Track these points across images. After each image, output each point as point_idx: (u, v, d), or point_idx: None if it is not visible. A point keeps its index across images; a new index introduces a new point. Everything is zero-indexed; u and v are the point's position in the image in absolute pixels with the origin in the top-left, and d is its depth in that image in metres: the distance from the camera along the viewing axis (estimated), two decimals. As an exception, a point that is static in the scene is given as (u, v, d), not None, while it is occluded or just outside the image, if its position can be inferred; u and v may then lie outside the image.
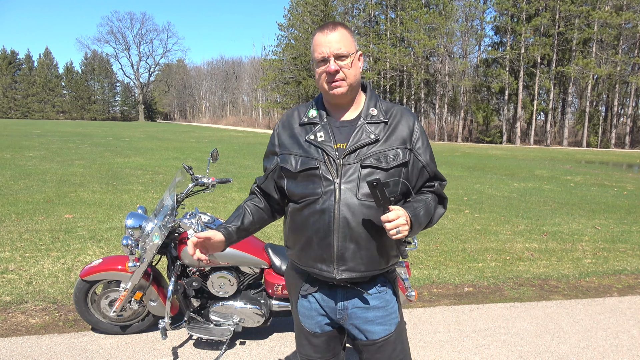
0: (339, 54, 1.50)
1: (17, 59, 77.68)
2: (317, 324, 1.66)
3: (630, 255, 5.63)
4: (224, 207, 7.51)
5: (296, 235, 1.59)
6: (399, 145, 1.56)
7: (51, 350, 2.96)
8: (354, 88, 1.58)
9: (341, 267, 1.53)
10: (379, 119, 1.58)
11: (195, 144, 22.15)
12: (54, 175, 10.14)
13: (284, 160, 1.60)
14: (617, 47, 37.69)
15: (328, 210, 1.50)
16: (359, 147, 1.52)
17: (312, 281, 1.64)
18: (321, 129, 1.57)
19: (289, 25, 52.03)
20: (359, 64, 1.58)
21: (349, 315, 1.62)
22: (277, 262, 3.00)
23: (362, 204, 1.49)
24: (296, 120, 1.64)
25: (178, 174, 3.11)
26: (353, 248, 1.51)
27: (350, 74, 1.53)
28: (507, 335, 3.40)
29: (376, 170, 1.51)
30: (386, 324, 1.62)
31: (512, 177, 13.58)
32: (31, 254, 4.74)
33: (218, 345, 3.08)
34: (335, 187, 1.50)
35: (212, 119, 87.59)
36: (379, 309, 1.62)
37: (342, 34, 1.52)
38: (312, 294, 1.64)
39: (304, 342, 1.71)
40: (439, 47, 40.27)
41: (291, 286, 1.75)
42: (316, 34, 1.55)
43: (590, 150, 33.38)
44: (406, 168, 1.57)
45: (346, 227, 1.49)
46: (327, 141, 1.55)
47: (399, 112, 1.62)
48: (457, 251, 5.55)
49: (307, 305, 1.66)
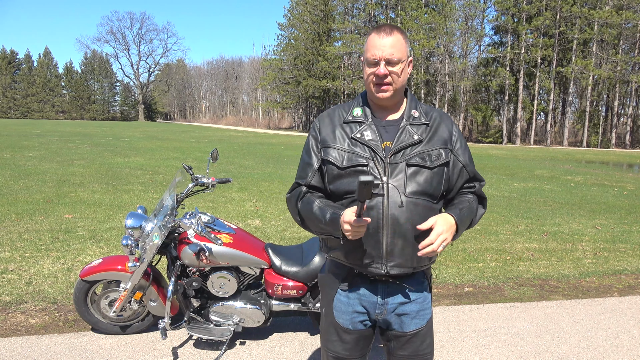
0: (390, 59, 1.53)
1: (17, 59, 77.64)
2: (350, 320, 1.68)
3: (630, 255, 5.62)
4: (224, 207, 7.51)
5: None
6: (440, 145, 1.61)
7: (51, 350, 2.96)
8: (399, 92, 1.62)
9: (390, 262, 1.57)
10: (420, 121, 1.63)
11: (195, 144, 22.15)
12: (54, 175, 10.13)
13: (328, 154, 1.61)
14: (618, 46, 37.70)
15: (377, 207, 1.53)
16: (403, 147, 1.57)
17: (353, 277, 1.66)
18: (367, 128, 1.60)
19: (289, 25, 52.07)
20: (407, 70, 1.62)
21: (388, 310, 1.66)
22: (277, 262, 2.99)
23: (409, 201, 1.54)
24: (340, 118, 1.65)
25: (178, 174, 3.11)
26: (401, 244, 1.55)
27: (397, 80, 1.57)
28: (507, 336, 3.39)
29: (421, 169, 1.56)
30: (420, 317, 1.68)
31: (512, 177, 13.57)
32: (31, 254, 4.73)
33: (218, 345, 3.07)
34: (383, 185, 1.53)
35: (212, 118, 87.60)
36: (416, 303, 1.67)
37: (397, 40, 1.54)
38: (352, 289, 1.66)
39: (334, 338, 1.72)
40: (439, 47, 40.26)
41: (327, 284, 1.75)
42: (372, 33, 1.57)
43: (591, 150, 33.39)
44: (447, 168, 1.62)
45: (395, 224, 1.53)
46: (374, 140, 1.58)
47: (438, 115, 1.68)
48: (457, 251, 5.55)
49: (345, 301, 1.68)
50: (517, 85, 39.90)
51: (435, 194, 1.60)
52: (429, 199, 1.58)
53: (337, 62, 44.97)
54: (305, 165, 1.68)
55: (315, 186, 1.67)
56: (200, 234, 2.71)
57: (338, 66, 45.56)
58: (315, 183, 1.67)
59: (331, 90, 47.15)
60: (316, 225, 1.60)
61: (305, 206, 1.64)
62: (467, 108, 43.95)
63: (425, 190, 1.57)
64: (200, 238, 2.87)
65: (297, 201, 1.68)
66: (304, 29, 49.27)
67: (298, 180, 1.70)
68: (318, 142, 1.66)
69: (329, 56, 44.12)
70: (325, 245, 1.71)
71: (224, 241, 2.90)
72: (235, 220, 6.58)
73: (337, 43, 47.20)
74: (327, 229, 1.56)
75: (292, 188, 1.72)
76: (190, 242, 2.88)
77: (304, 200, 1.65)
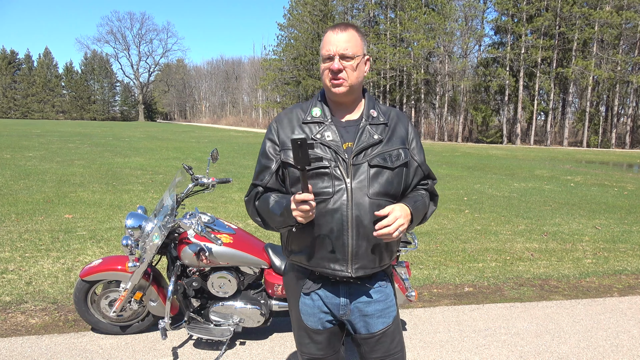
0: (344, 54, 1.54)
1: (17, 59, 77.69)
2: (319, 321, 1.69)
3: (630, 255, 5.63)
4: (224, 207, 7.51)
5: (305, 236, 1.58)
6: (399, 145, 1.63)
7: (51, 350, 2.96)
8: (355, 90, 1.61)
9: (355, 264, 1.57)
10: (379, 121, 1.63)
11: (195, 144, 22.15)
12: (54, 175, 10.13)
13: (289, 156, 1.57)
14: (618, 46, 37.69)
15: (341, 209, 1.53)
16: (365, 148, 1.58)
17: (314, 279, 1.66)
18: (327, 129, 1.59)
19: (288, 25, 52.04)
20: (363, 68, 1.61)
21: (352, 310, 1.66)
22: (277, 262, 2.99)
23: (372, 203, 1.54)
24: (298, 119, 1.63)
25: (178, 174, 3.11)
26: (365, 245, 1.56)
27: (352, 75, 1.56)
28: (507, 336, 3.39)
29: (383, 170, 1.58)
30: (385, 316, 1.68)
31: (512, 177, 13.57)
32: (31, 254, 4.73)
33: (218, 345, 3.07)
34: (347, 187, 1.54)
35: (212, 119, 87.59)
36: (379, 303, 1.67)
37: (351, 35, 1.55)
38: (314, 291, 1.67)
39: (306, 341, 1.73)
40: (439, 47, 40.25)
41: (291, 287, 1.75)
42: (328, 31, 1.59)
43: (591, 150, 33.39)
44: (406, 168, 1.64)
45: (359, 226, 1.53)
46: (335, 141, 1.57)
47: (395, 114, 1.70)
48: (457, 251, 5.55)
49: (310, 303, 1.68)
50: (517, 86, 39.88)
51: (396, 194, 1.61)
52: (391, 199, 1.59)
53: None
54: (262, 168, 1.67)
55: (271, 188, 1.67)
56: (200, 234, 2.71)
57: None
58: (272, 185, 1.66)
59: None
60: (274, 219, 1.57)
61: (262, 204, 1.63)
62: (467, 108, 43.93)
63: (387, 190, 1.58)
64: (200, 238, 2.87)
65: (255, 201, 1.68)
66: (303, 29, 49.26)
67: (255, 182, 1.69)
68: (276, 145, 1.64)
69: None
70: (286, 249, 1.69)
71: (224, 241, 2.90)
72: (235, 220, 6.58)
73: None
74: (284, 219, 1.52)
75: (249, 191, 1.71)
76: (190, 242, 2.88)
77: (261, 199, 1.65)
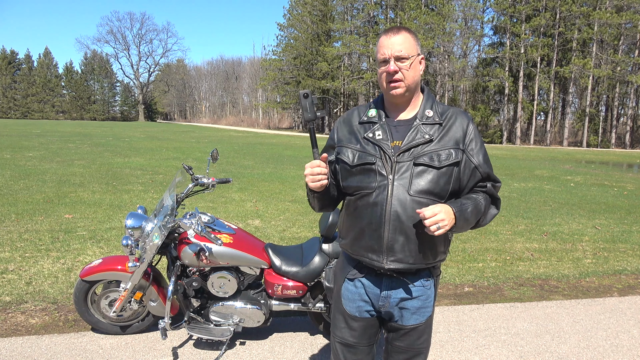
0: (399, 56, 1.59)
1: (17, 59, 77.66)
2: (357, 308, 1.75)
3: (630, 255, 5.63)
4: (224, 207, 7.51)
5: (350, 225, 1.70)
6: (452, 145, 1.63)
7: (51, 350, 2.96)
8: (412, 89, 1.66)
9: (390, 257, 1.62)
10: (434, 120, 1.66)
11: (195, 144, 22.14)
12: (54, 175, 10.13)
13: (342, 153, 1.70)
14: (617, 47, 37.69)
15: (380, 203, 1.59)
16: (413, 146, 1.62)
17: (360, 268, 1.73)
18: (379, 128, 1.67)
19: (288, 25, 52.05)
20: (419, 67, 1.65)
21: (390, 303, 1.72)
22: (277, 262, 2.99)
23: (413, 200, 1.58)
24: (356, 119, 1.74)
25: (178, 174, 3.11)
26: (402, 240, 1.60)
27: (408, 75, 1.61)
28: (507, 336, 3.40)
29: (428, 169, 1.60)
30: (420, 314, 1.73)
31: (512, 177, 13.57)
32: (31, 254, 4.73)
33: (218, 345, 3.07)
34: (389, 183, 1.60)
35: (212, 119, 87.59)
36: (417, 300, 1.72)
37: (404, 37, 1.60)
38: (358, 279, 1.74)
39: (342, 325, 1.79)
40: (438, 47, 40.24)
41: (338, 271, 1.84)
42: (381, 36, 1.64)
43: (591, 150, 33.39)
44: (457, 168, 1.64)
45: (397, 220, 1.58)
46: (384, 139, 1.64)
47: (454, 114, 1.69)
48: (457, 251, 5.55)
49: (352, 289, 1.75)
50: (516, 85, 39.88)
51: (442, 193, 1.62)
52: (435, 198, 1.60)
53: (336, 62, 44.98)
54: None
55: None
56: (200, 234, 2.71)
57: (338, 66, 45.57)
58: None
59: (331, 90, 47.15)
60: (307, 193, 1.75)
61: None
62: (466, 108, 43.93)
63: (431, 189, 1.59)
64: (200, 238, 2.88)
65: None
66: (303, 30, 49.27)
67: None
68: (334, 142, 1.76)
69: (328, 57, 44.13)
70: (339, 235, 1.80)
71: (224, 241, 2.90)
72: (235, 220, 6.58)
73: (336, 43, 47.22)
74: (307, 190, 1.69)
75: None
76: (190, 242, 2.88)
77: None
